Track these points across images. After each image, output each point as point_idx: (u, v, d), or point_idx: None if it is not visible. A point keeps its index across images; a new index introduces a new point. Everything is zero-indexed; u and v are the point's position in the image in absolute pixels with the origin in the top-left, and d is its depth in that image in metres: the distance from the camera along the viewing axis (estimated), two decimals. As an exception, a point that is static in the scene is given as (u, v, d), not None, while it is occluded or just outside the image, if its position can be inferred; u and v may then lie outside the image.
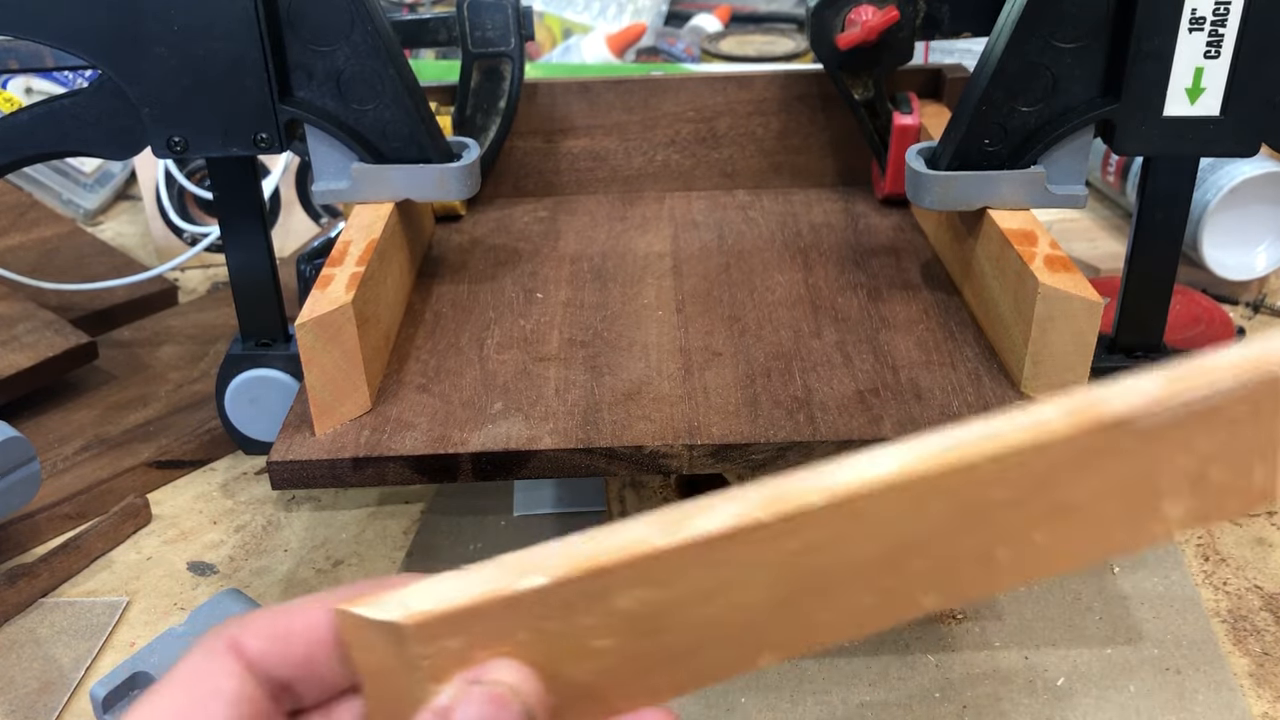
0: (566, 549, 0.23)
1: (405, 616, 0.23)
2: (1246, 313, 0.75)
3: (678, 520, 0.23)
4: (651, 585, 0.23)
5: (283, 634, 0.26)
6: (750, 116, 0.68)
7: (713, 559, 0.22)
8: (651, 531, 0.23)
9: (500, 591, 0.23)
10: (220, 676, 0.25)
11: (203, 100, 0.48)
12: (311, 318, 0.44)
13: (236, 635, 0.26)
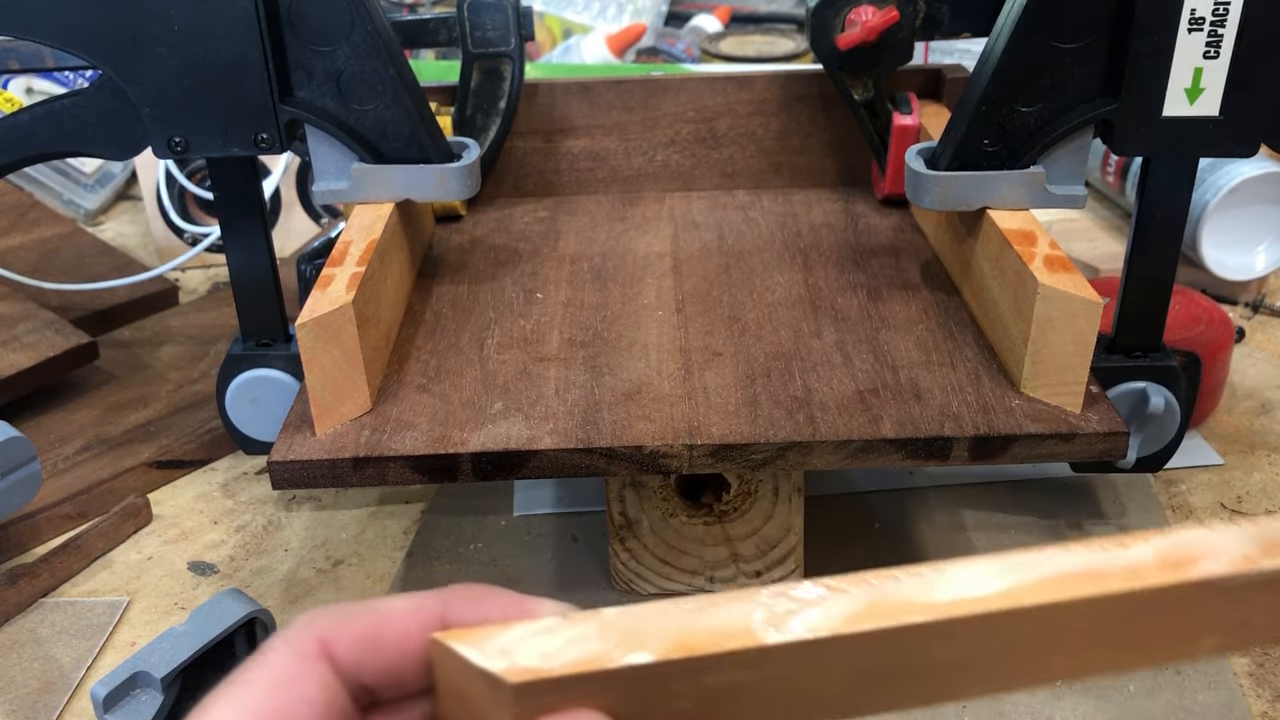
0: (672, 624, 0.24)
1: (509, 672, 0.23)
2: (1246, 313, 0.75)
3: (784, 613, 0.23)
4: (744, 670, 0.24)
5: (374, 642, 0.26)
6: (750, 117, 0.68)
7: (808, 655, 0.23)
8: (759, 620, 0.23)
9: (605, 664, 0.23)
10: (311, 684, 0.25)
11: (203, 100, 0.48)
12: (312, 318, 0.44)
13: (328, 638, 0.25)
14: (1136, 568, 0.23)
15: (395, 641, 0.26)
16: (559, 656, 0.23)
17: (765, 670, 0.24)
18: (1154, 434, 0.51)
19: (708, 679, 0.24)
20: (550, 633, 0.24)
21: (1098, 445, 0.44)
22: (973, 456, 0.44)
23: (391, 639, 0.26)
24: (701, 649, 0.23)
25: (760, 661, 0.23)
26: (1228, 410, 0.65)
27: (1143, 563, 0.23)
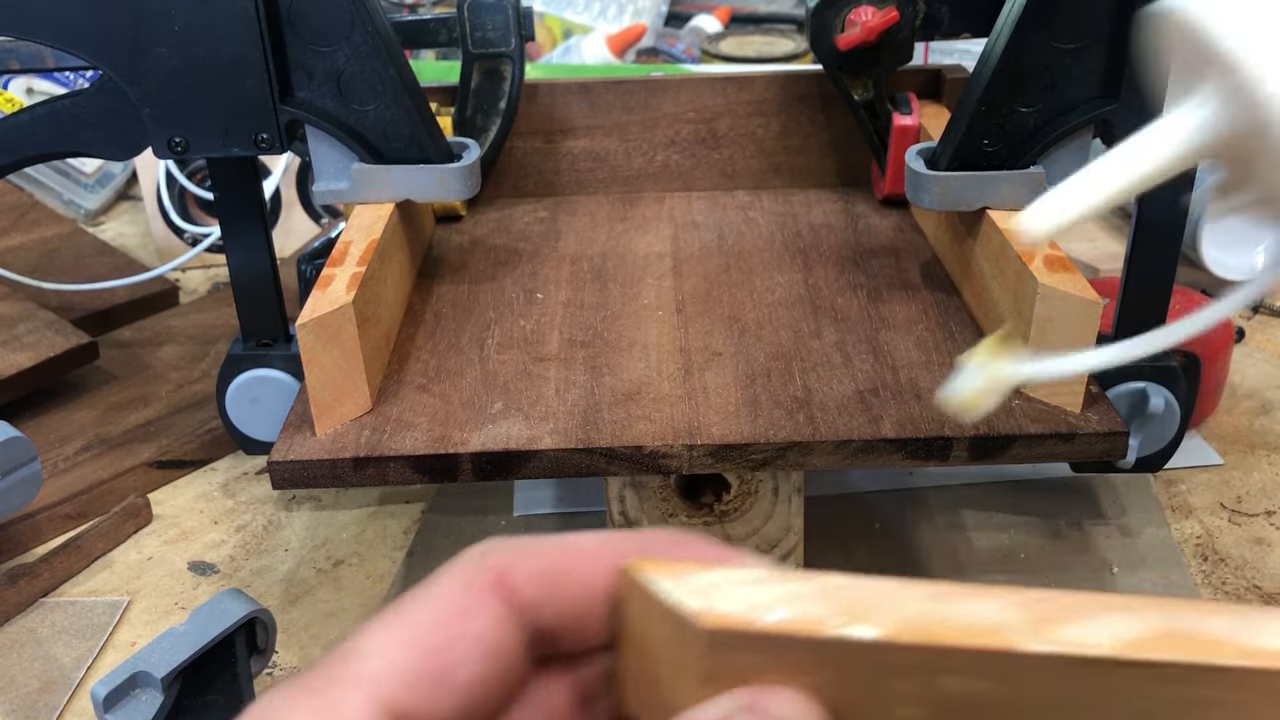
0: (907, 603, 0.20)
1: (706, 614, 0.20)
2: (1245, 313, 0.75)
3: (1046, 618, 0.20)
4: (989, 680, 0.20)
5: (558, 579, 0.23)
6: (750, 117, 0.68)
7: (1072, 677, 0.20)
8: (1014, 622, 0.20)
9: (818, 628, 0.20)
10: (482, 619, 0.22)
11: (203, 101, 0.48)
12: (312, 318, 0.44)
13: (506, 570, 0.22)
14: None
15: (582, 579, 0.22)
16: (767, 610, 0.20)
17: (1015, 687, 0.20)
18: (1154, 434, 0.51)
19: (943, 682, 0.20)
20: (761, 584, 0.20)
21: (1097, 445, 0.44)
22: (972, 456, 0.44)
23: (578, 576, 0.22)
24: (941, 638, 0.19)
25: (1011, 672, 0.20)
26: (1227, 410, 0.65)
27: None
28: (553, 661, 0.24)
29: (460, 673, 0.22)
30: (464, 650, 0.22)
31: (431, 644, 0.22)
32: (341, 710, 0.21)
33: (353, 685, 0.21)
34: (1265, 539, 0.55)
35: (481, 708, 0.22)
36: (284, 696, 0.21)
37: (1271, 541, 0.55)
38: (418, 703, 0.21)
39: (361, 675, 0.21)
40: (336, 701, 0.21)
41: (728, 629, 0.20)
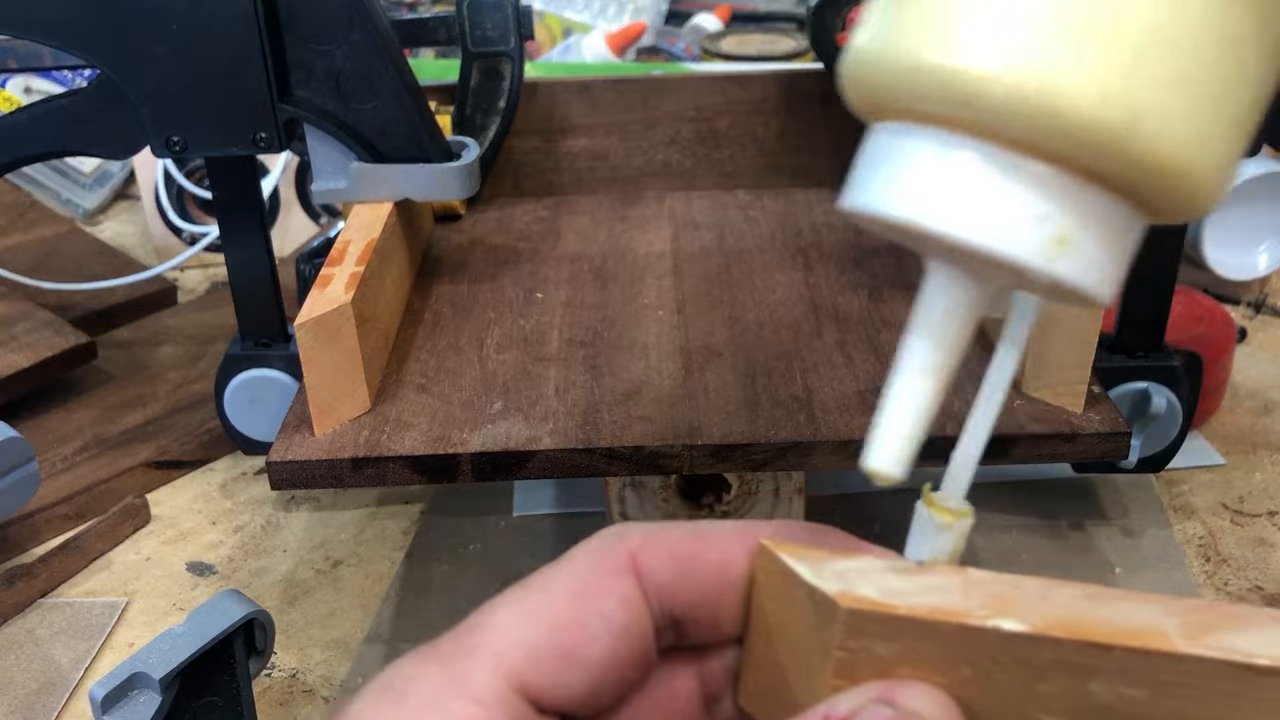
0: (1055, 600, 0.19)
1: (844, 595, 0.19)
2: (1248, 313, 0.75)
3: (1207, 625, 0.19)
4: (1142, 686, 0.19)
5: (691, 562, 0.22)
6: (751, 116, 0.68)
7: (1232, 690, 0.19)
8: (1173, 625, 0.19)
9: (961, 618, 0.19)
10: (613, 599, 0.22)
11: (202, 99, 0.48)
12: (311, 318, 0.43)
13: (639, 551, 0.22)
14: None
15: (715, 564, 0.22)
16: (907, 596, 0.19)
17: (1168, 698, 0.19)
18: (1156, 434, 0.51)
19: (1092, 685, 0.19)
20: (902, 573, 0.20)
21: (1099, 446, 0.44)
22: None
23: (711, 560, 0.22)
24: (1097, 634, 0.18)
25: (1161, 679, 0.18)
26: (1230, 410, 0.65)
27: None
28: (679, 653, 0.23)
29: (588, 651, 0.21)
30: (594, 629, 0.21)
31: (561, 621, 0.21)
32: (469, 682, 0.21)
33: (481, 658, 0.21)
34: (1268, 539, 0.55)
35: (609, 689, 0.22)
36: (414, 665, 0.21)
37: (1274, 542, 0.55)
38: (544, 678, 0.21)
39: (490, 648, 0.21)
40: (464, 673, 0.21)
41: (865, 611, 0.19)
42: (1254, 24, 0.20)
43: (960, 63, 0.20)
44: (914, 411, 0.22)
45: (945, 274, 0.22)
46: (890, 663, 0.19)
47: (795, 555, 0.20)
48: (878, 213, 0.22)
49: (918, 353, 0.22)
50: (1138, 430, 0.51)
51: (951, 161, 0.21)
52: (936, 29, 0.20)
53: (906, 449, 0.22)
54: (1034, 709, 0.19)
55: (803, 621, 0.20)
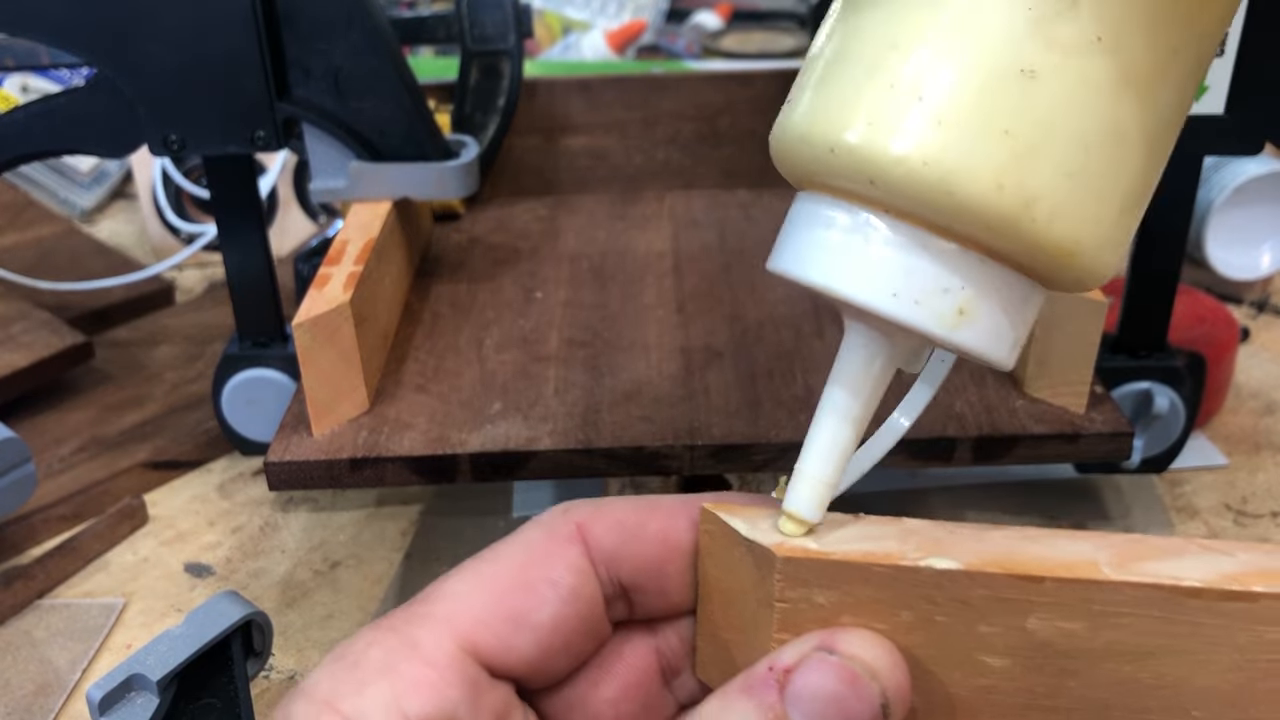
0: (990, 541, 0.20)
1: (778, 545, 0.20)
2: (1250, 312, 0.75)
3: (1138, 556, 0.19)
4: (1078, 618, 0.19)
5: (637, 530, 0.23)
6: (751, 114, 0.67)
7: (1166, 614, 0.19)
8: (1105, 558, 0.19)
9: (895, 558, 0.19)
10: (560, 566, 0.22)
11: (199, 98, 0.47)
12: (309, 317, 0.43)
13: (586, 521, 0.23)
14: None
15: (660, 531, 0.23)
16: (842, 543, 0.20)
17: (1107, 630, 0.19)
18: (1158, 434, 0.51)
19: (1030, 624, 0.19)
20: (839, 524, 0.20)
21: (1102, 446, 0.44)
22: (976, 457, 0.44)
23: (656, 528, 0.23)
24: (1029, 568, 0.19)
25: (1097, 611, 0.19)
26: (1233, 410, 0.64)
27: None
28: (634, 627, 0.24)
29: (537, 614, 0.22)
30: (542, 594, 0.22)
31: (510, 586, 0.22)
32: (420, 647, 0.21)
33: (432, 624, 0.22)
34: (1270, 539, 0.55)
35: (561, 653, 0.23)
36: (368, 634, 0.22)
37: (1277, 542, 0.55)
38: (494, 641, 0.22)
39: (441, 615, 0.22)
40: (415, 639, 0.22)
41: (801, 558, 0.19)
42: (1141, 118, 0.21)
43: (871, 145, 0.22)
44: (833, 459, 0.23)
45: (862, 333, 0.24)
46: (831, 612, 0.20)
47: (734, 513, 0.21)
48: (797, 276, 0.25)
49: (838, 404, 0.24)
50: (1140, 430, 0.50)
51: (862, 234, 0.23)
52: (852, 112, 0.23)
53: (824, 494, 0.23)
54: (977, 650, 0.20)
55: (745, 579, 0.21)
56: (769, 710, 0.19)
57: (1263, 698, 0.19)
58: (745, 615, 0.21)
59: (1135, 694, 0.20)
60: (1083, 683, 0.20)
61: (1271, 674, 0.19)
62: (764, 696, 0.20)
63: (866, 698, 0.19)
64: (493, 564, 0.23)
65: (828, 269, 0.24)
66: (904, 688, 0.20)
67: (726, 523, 0.21)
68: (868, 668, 0.20)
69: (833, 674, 0.19)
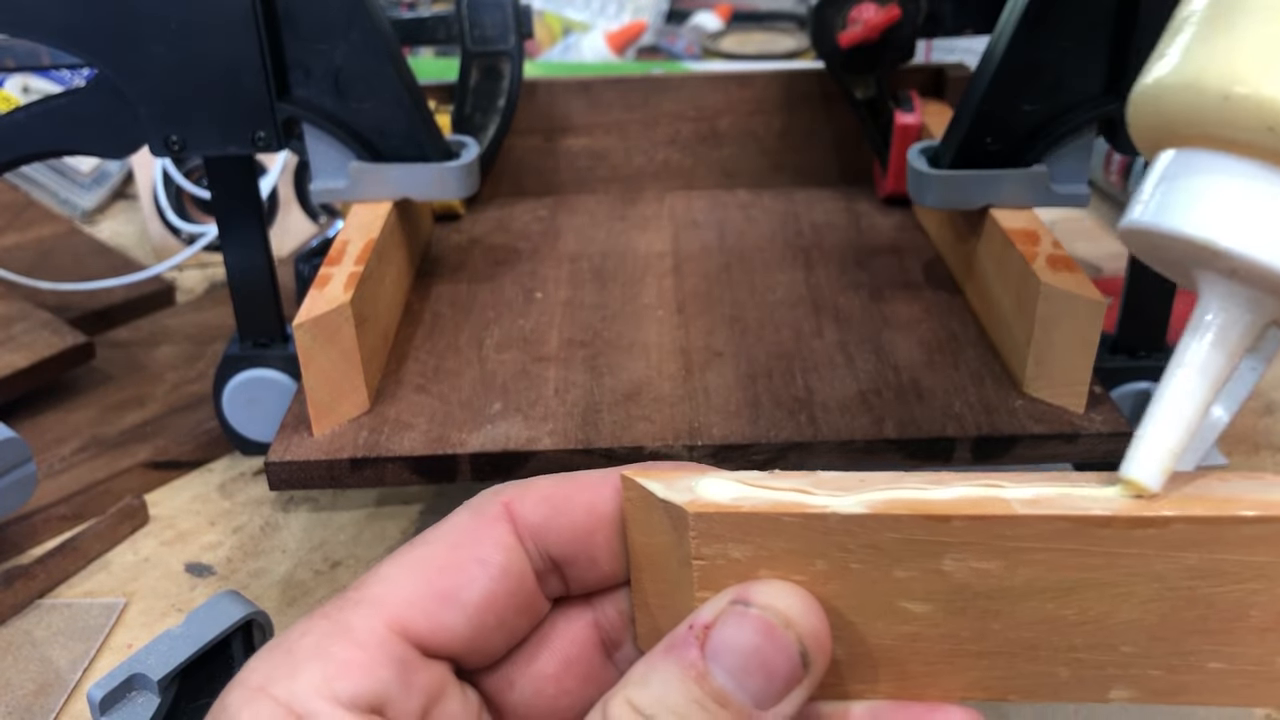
0: (893, 481, 0.19)
1: (690, 502, 0.20)
2: (1249, 312, 0.75)
3: (1045, 487, 0.19)
4: (992, 557, 0.19)
5: (562, 504, 0.23)
6: (751, 115, 0.68)
7: (1080, 547, 0.19)
8: (1009, 492, 0.19)
9: (804, 507, 0.19)
10: (488, 544, 0.23)
11: (200, 99, 0.47)
12: (309, 318, 0.43)
13: (513, 500, 0.23)
14: None
15: (585, 503, 0.23)
16: (753, 497, 0.20)
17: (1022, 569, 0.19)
18: (1157, 434, 0.51)
19: (945, 564, 0.19)
20: (750, 481, 0.20)
21: (1101, 446, 0.44)
22: (975, 457, 0.44)
23: (581, 500, 0.23)
24: (935, 508, 0.18)
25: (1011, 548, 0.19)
26: (1231, 410, 0.64)
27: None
28: (573, 602, 0.24)
29: (467, 593, 0.22)
30: (471, 571, 0.23)
31: (439, 566, 0.23)
32: (351, 630, 0.22)
33: (362, 607, 0.22)
34: (1269, 540, 0.55)
35: (494, 630, 0.23)
36: (304, 622, 0.23)
37: (1276, 542, 0.55)
38: (426, 620, 0.22)
39: (370, 598, 0.22)
40: (347, 623, 0.22)
41: (713, 514, 0.19)
42: None
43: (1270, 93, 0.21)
44: (1183, 423, 0.22)
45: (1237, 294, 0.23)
46: (749, 566, 0.20)
47: (653, 478, 0.21)
48: (1173, 230, 0.23)
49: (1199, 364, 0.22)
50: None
51: (1258, 185, 0.22)
52: (1250, 57, 0.22)
53: (1169, 461, 0.21)
54: (896, 597, 0.20)
55: (666, 542, 0.21)
56: (691, 668, 0.20)
57: (1190, 625, 0.19)
58: (670, 578, 0.21)
59: (1060, 632, 0.20)
60: (1006, 624, 0.20)
61: (1195, 601, 0.19)
62: (685, 655, 0.20)
63: (784, 647, 0.20)
64: (423, 547, 0.23)
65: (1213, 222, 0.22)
66: (821, 634, 0.20)
67: (645, 487, 0.21)
68: (783, 617, 0.20)
69: (749, 626, 0.20)
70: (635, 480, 0.21)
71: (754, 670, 0.19)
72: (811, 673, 0.20)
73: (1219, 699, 0.20)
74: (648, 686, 0.20)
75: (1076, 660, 0.20)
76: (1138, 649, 0.20)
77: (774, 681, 0.20)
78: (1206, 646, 0.20)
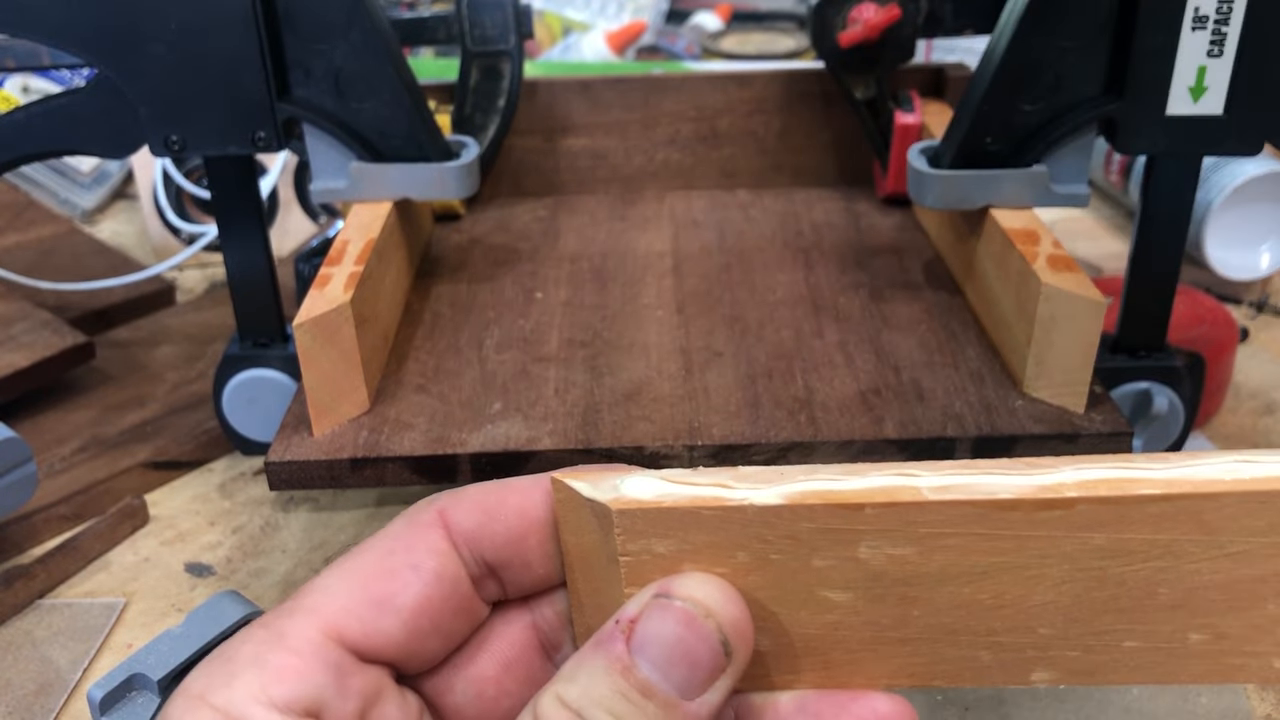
0: (811, 473, 0.20)
1: (614, 500, 0.20)
2: (1250, 312, 0.75)
3: (956, 474, 0.19)
4: (907, 543, 0.19)
5: (494, 509, 0.24)
6: (751, 115, 0.68)
7: (991, 530, 0.19)
8: (920, 480, 0.19)
9: (722, 500, 0.20)
10: (422, 549, 0.23)
11: (200, 99, 0.47)
12: (309, 318, 0.43)
13: (446, 507, 0.24)
14: None
15: (516, 507, 0.24)
16: (674, 492, 0.20)
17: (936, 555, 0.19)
18: (1158, 434, 0.51)
19: (860, 551, 0.19)
20: (673, 478, 0.20)
21: (1101, 446, 0.44)
22: (975, 457, 0.43)
23: (513, 504, 0.24)
24: (845, 497, 0.19)
25: (924, 534, 0.19)
26: (1232, 410, 0.64)
27: None
28: (511, 605, 0.25)
29: (401, 598, 0.23)
30: (405, 578, 0.23)
31: (374, 573, 0.23)
32: (286, 637, 0.23)
33: (298, 615, 0.23)
34: (1269, 540, 0.55)
35: (430, 634, 0.24)
36: (243, 633, 0.24)
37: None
38: (361, 626, 0.23)
39: (306, 607, 0.23)
40: (283, 629, 0.23)
41: (635, 510, 0.20)
42: None
43: None
44: None
45: None
46: (673, 561, 0.20)
47: (580, 478, 0.21)
48: None
49: None
50: (1139, 430, 0.51)
51: None
52: None
53: None
54: (817, 586, 0.20)
55: (594, 541, 0.21)
56: (617, 662, 0.20)
57: (1102, 605, 0.20)
58: (600, 576, 0.21)
59: (978, 616, 0.20)
60: (926, 610, 0.20)
61: (1105, 581, 0.19)
62: (611, 649, 0.20)
63: (705, 636, 0.20)
64: (358, 556, 0.24)
65: None
66: (742, 623, 0.21)
67: (572, 488, 0.21)
68: (703, 607, 0.20)
69: (671, 618, 0.20)
70: (563, 482, 0.22)
71: (677, 661, 0.20)
72: (735, 662, 0.20)
73: (1137, 677, 0.21)
74: (575, 682, 0.21)
75: (996, 644, 0.20)
76: (1054, 630, 0.20)
77: (697, 671, 0.20)
78: (1120, 626, 0.20)
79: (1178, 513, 0.19)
